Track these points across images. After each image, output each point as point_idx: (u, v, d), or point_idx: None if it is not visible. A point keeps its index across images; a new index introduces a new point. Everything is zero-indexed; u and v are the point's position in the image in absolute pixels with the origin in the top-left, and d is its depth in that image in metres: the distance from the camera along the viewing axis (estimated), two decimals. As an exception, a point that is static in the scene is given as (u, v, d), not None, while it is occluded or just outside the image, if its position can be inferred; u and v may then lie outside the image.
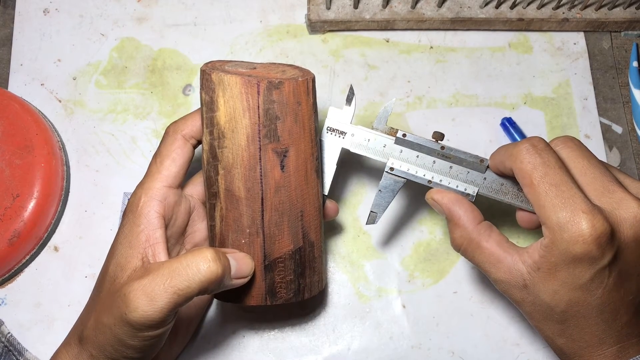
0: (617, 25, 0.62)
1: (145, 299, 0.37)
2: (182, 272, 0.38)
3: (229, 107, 0.41)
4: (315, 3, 0.61)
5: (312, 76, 0.43)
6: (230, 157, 0.41)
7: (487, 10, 0.61)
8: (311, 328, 0.54)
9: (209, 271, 0.38)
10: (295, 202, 0.43)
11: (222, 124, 0.41)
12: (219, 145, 0.42)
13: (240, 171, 0.42)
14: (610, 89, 0.62)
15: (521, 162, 0.40)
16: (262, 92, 0.41)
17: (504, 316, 0.55)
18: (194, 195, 0.48)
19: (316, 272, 0.46)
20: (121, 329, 0.38)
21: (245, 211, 0.42)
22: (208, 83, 0.41)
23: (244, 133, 0.41)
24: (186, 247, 0.48)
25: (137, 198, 0.43)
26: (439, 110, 0.61)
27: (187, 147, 0.45)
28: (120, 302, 0.38)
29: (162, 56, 0.62)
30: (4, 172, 0.54)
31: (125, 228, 0.43)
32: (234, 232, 0.43)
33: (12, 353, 0.52)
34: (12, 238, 0.53)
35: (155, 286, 0.37)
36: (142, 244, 0.41)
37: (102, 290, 0.42)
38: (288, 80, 0.41)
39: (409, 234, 0.57)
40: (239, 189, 0.42)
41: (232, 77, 0.41)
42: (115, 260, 0.42)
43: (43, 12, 0.63)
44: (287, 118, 0.42)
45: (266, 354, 0.53)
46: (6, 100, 0.56)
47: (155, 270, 0.39)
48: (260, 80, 0.41)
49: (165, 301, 0.37)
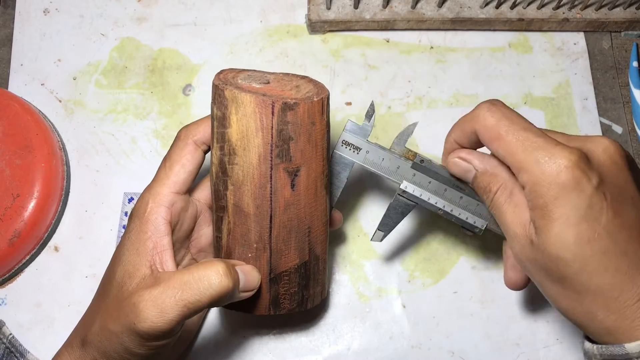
0: (617, 25, 0.62)
1: (155, 311, 0.37)
2: (194, 285, 0.38)
3: (241, 125, 0.40)
4: (315, 3, 0.61)
5: (326, 94, 0.42)
6: (241, 174, 0.41)
7: (487, 10, 0.61)
8: (311, 328, 0.54)
9: (220, 286, 0.38)
10: (304, 219, 0.43)
11: (234, 141, 0.40)
12: (229, 161, 0.41)
13: (250, 188, 0.41)
14: (610, 89, 0.62)
15: (484, 119, 0.40)
16: (277, 113, 0.40)
17: (504, 316, 0.55)
18: (201, 199, 0.47)
19: (319, 283, 0.46)
20: (128, 337, 0.38)
21: (253, 227, 0.42)
22: (221, 99, 0.40)
23: (255, 152, 0.40)
24: (191, 251, 0.48)
25: (144, 203, 0.43)
26: (439, 110, 0.61)
27: (198, 153, 0.44)
28: (129, 311, 0.38)
29: (162, 56, 0.62)
30: (4, 172, 0.54)
31: (132, 234, 0.42)
32: (240, 246, 0.42)
33: (14, 355, 0.52)
34: (13, 238, 0.53)
35: (166, 298, 0.37)
36: (150, 252, 0.41)
37: (108, 295, 0.41)
38: (303, 102, 0.40)
39: (409, 233, 0.57)
40: (248, 205, 0.41)
41: (247, 95, 0.40)
42: (122, 267, 0.41)
43: (43, 12, 0.63)
44: (301, 138, 0.41)
45: (266, 354, 0.53)
46: (6, 100, 0.56)
47: (165, 281, 0.38)
48: (275, 101, 0.40)
49: (176, 314, 0.37)
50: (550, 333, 0.54)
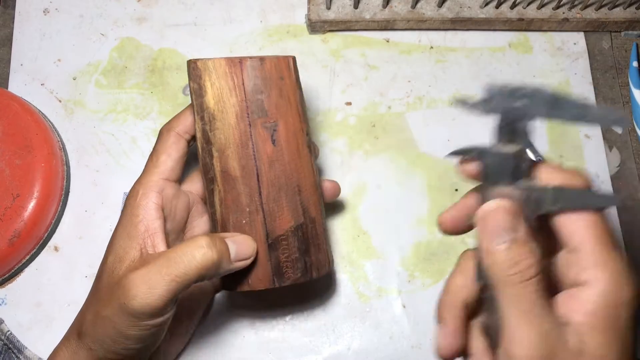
0: (617, 25, 0.62)
1: (144, 287, 0.38)
2: (178, 260, 0.39)
3: (216, 89, 0.43)
4: (315, 3, 0.61)
5: (292, 56, 0.46)
6: (223, 137, 0.43)
7: (487, 10, 0.61)
8: (311, 328, 0.54)
9: (204, 258, 0.39)
10: (291, 176, 0.44)
11: (212, 106, 0.43)
12: (210, 128, 0.43)
13: (234, 150, 0.43)
14: (610, 89, 0.62)
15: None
16: (246, 68, 0.43)
17: (504, 316, 0.55)
18: (193, 191, 0.48)
19: (321, 250, 0.46)
20: (120, 318, 0.39)
21: (243, 190, 0.43)
22: (195, 71, 0.43)
23: (232, 112, 0.43)
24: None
25: (134, 192, 0.44)
26: (439, 110, 0.61)
27: (182, 142, 0.46)
28: (120, 292, 0.39)
29: (162, 56, 0.62)
30: (4, 172, 0.54)
31: (123, 220, 0.43)
32: (234, 214, 0.44)
33: (12, 351, 0.52)
34: (12, 238, 0.53)
35: (153, 275, 0.38)
36: (141, 235, 0.42)
37: (100, 284, 0.42)
38: (269, 58, 0.44)
39: (409, 234, 0.57)
40: (234, 168, 0.43)
41: (217, 59, 0.43)
42: (113, 253, 0.42)
43: (43, 12, 0.63)
44: (272, 92, 0.44)
45: (266, 354, 0.53)
46: (6, 100, 0.56)
47: (152, 260, 0.39)
48: (243, 59, 0.43)
49: (164, 288, 0.38)
50: (550, 333, 0.54)
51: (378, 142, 0.59)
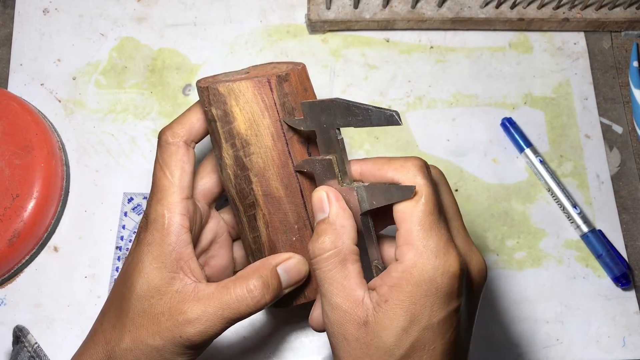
0: (618, 25, 0.62)
1: (202, 326, 0.39)
2: (233, 305, 0.40)
3: (246, 113, 0.40)
4: (315, 3, 0.61)
5: (303, 64, 0.44)
6: (261, 161, 0.41)
7: (487, 10, 0.61)
8: (311, 328, 0.54)
9: (258, 303, 0.40)
10: None
11: (243, 131, 0.41)
12: (245, 154, 0.41)
13: (274, 172, 0.41)
14: (611, 88, 0.62)
15: (414, 175, 0.37)
16: (275, 87, 0.41)
17: (504, 316, 0.55)
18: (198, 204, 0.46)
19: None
20: (170, 348, 0.39)
21: (289, 208, 0.42)
22: (216, 97, 0.41)
23: (268, 133, 0.41)
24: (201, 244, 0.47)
25: (159, 215, 0.41)
26: (439, 110, 0.61)
27: (191, 153, 0.43)
28: (174, 326, 0.39)
29: (161, 56, 0.62)
30: (4, 172, 0.54)
31: (152, 247, 0.41)
32: (282, 234, 0.42)
33: None
34: (12, 238, 0.53)
35: (210, 316, 0.39)
36: (176, 264, 0.41)
37: (130, 310, 0.41)
38: (292, 71, 0.42)
39: (409, 234, 0.57)
40: (277, 189, 0.42)
41: (242, 82, 0.40)
42: (144, 281, 0.41)
43: (43, 12, 0.63)
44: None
45: (266, 354, 0.53)
46: (6, 100, 0.56)
47: (205, 298, 0.40)
48: (270, 77, 0.41)
49: (219, 327, 0.40)
50: (550, 333, 0.54)
51: (378, 142, 0.59)
